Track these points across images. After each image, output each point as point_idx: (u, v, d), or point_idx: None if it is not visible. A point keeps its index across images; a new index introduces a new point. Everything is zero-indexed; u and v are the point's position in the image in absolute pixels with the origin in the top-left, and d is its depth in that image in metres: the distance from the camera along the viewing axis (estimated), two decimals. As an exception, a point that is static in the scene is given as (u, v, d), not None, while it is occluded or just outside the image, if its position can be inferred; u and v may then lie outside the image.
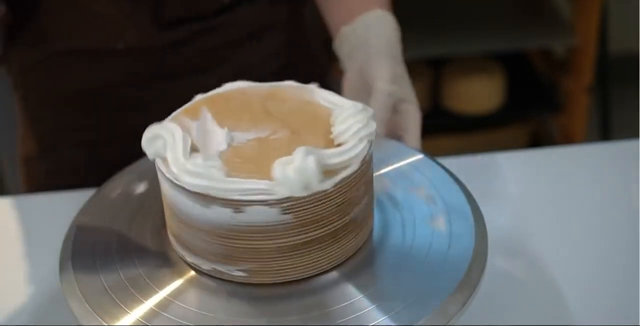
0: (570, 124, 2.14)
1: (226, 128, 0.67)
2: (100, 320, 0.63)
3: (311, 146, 0.63)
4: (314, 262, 0.65)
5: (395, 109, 0.84)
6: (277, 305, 0.64)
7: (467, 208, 0.72)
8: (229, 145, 0.66)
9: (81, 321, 0.64)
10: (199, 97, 0.72)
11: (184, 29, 0.99)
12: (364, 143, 0.65)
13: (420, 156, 0.78)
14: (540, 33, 2.10)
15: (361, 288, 0.65)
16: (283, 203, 0.61)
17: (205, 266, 0.66)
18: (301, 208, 0.62)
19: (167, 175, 0.63)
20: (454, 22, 2.07)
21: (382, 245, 0.69)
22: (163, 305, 0.64)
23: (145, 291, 0.65)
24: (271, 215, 0.61)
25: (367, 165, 0.66)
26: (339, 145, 0.65)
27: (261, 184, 0.61)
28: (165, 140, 0.65)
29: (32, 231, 0.92)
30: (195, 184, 0.62)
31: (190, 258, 0.67)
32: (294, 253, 0.64)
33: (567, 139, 2.14)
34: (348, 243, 0.67)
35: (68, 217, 0.75)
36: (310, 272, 0.66)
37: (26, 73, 1.06)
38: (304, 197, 0.61)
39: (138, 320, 0.63)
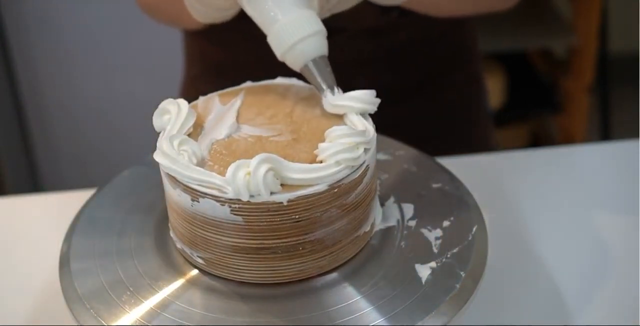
0: (570, 124, 2.14)
1: (235, 119, 0.68)
2: (100, 320, 0.63)
3: (295, 156, 0.63)
4: (269, 270, 0.65)
5: None
6: (277, 305, 0.64)
7: (467, 208, 0.72)
8: (228, 136, 0.66)
9: (81, 321, 0.64)
10: (247, 84, 0.73)
11: (339, 36, 0.96)
12: (341, 166, 0.62)
13: (420, 156, 0.78)
14: (540, 33, 2.10)
15: (360, 288, 0.65)
16: (233, 203, 0.61)
17: (178, 244, 0.68)
18: (251, 214, 0.61)
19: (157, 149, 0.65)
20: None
21: (382, 245, 0.69)
22: (163, 305, 0.64)
23: (145, 291, 0.65)
24: (222, 212, 0.62)
25: (343, 190, 0.63)
26: (320, 162, 0.63)
27: (218, 179, 0.61)
28: (170, 116, 0.67)
29: (32, 231, 0.92)
30: (164, 164, 0.63)
31: (171, 233, 0.69)
32: (248, 255, 0.64)
33: (567, 139, 2.14)
34: (313, 262, 0.65)
35: (68, 217, 0.75)
36: (267, 279, 0.65)
37: (192, 34, 1.07)
38: (254, 203, 0.61)
39: (138, 320, 0.63)
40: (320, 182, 0.62)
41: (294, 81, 0.74)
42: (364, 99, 0.67)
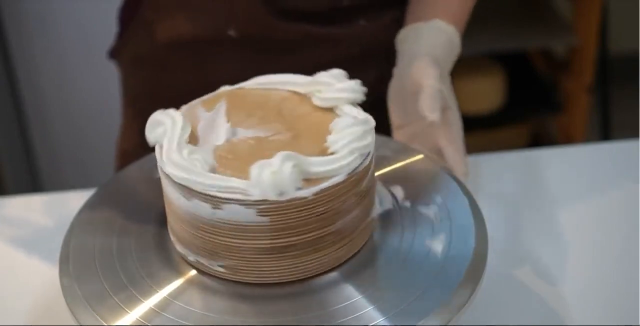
0: (570, 124, 2.14)
1: (229, 124, 0.67)
2: (100, 320, 0.63)
3: (303, 152, 0.63)
4: (294, 267, 0.65)
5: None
6: (277, 305, 0.64)
7: (467, 208, 0.72)
8: (227, 140, 0.66)
9: (81, 321, 0.64)
10: (223, 89, 0.73)
11: (297, 28, 0.98)
12: (355, 155, 0.64)
13: (420, 156, 0.78)
14: (540, 33, 2.10)
15: (361, 288, 0.65)
16: (259, 205, 0.61)
17: (191, 257, 0.67)
18: (277, 213, 0.62)
19: (159, 163, 0.64)
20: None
21: (382, 245, 0.69)
22: (163, 305, 0.64)
23: (145, 291, 0.65)
24: (247, 215, 0.61)
25: (358, 178, 0.64)
26: (331, 154, 0.64)
27: (240, 183, 0.61)
28: (165, 127, 0.66)
29: (32, 231, 0.92)
30: (178, 176, 0.62)
31: (178, 248, 0.68)
32: (274, 255, 0.64)
33: (567, 139, 2.14)
34: (334, 253, 0.66)
35: (68, 217, 0.75)
36: (291, 277, 0.65)
37: (134, 68, 1.07)
38: (280, 202, 0.61)
39: (138, 320, 0.63)
40: (339, 173, 0.63)
41: (271, 78, 0.73)
42: (353, 89, 0.69)
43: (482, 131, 2.19)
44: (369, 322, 0.62)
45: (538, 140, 2.28)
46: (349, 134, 0.64)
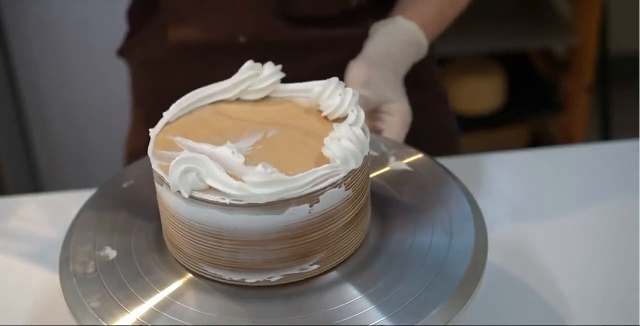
0: (570, 124, 2.14)
1: (228, 142, 0.65)
2: (100, 320, 0.63)
3: (312, 126, 0.67)
4: (362, 232, 0.68)
5: (378, 110, 0.86)
6: (277, 305, 0.64)
7: (467, 208, 0.72)
8: (245, 149, 0.66)
9: (81, 321, 0.64)
10: (152, 132, 0.70)
11: (307, 32, 0.98)
12: (360, 110, 0.68)
13: (420, 156, 0.78)
14: (540, 33, 2.10)
15: (361, 288, 0.65)
16: (347, 179, 0.63)
17: (275, 276, 0.65)
18: (356, 179, 0.64)
19: (225, 201, 0.61)
20: (454, 22, 2.07)
21: (382, 245, 0.69)
22: (163, 305, 0.64)
23: (145, 291, 0.65)
24: (340, 195, 0.63)
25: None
26: (337, 119, 0.68)
27: (324, 169, 0.62)
28: (198, 171, 0.62)
29: (32, 231, 0.92)
30: (271, 193, 0.60)
31: (252, 279, 0.65)
32: (352, 226, 0.66)
33: (567, 139, 2.14)
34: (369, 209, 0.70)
35: (68, 217, 0.75)
36: (359, 242, 0.68)
37: (144, 69, 1.07)
38: (358, 169, 0.64)
39: (138, 320, 0.63)
40: (366, 127, 0.69)
41: (192, 97, 0.74)
42: (278, 70, 0.73)
43: (482, 131, 2.19)
44: (369, 322, 0.62)
45: (538, 140, 2.28)
46: (346, 95, 0.68)
